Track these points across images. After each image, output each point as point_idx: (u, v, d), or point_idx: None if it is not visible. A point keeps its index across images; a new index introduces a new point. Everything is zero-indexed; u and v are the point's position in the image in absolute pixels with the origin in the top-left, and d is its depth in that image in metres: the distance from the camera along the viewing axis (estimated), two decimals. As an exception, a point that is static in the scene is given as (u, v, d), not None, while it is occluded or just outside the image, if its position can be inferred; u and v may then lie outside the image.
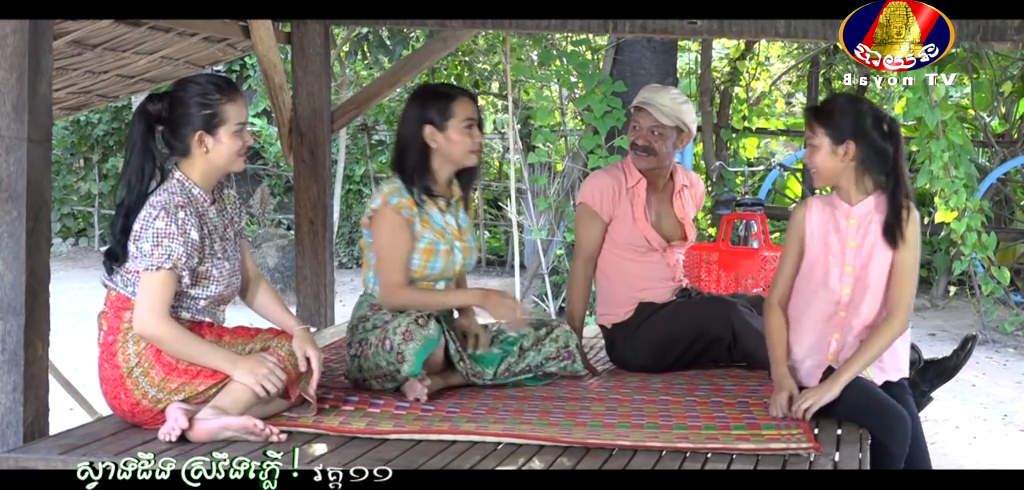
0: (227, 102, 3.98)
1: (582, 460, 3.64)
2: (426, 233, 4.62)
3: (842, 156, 4.18)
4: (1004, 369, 10.07)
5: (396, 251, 4.59)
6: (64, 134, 16.68)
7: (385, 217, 4.59)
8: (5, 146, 3.73)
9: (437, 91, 4.79)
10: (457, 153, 4.65)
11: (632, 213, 5.13)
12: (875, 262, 4.20)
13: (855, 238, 4.23)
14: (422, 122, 4.63)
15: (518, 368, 4.68)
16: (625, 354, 5.10)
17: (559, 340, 4.77)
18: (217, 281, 4.02)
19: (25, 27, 3.71)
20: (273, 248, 13.22)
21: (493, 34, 12.41)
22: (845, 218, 4.25)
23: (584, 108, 11.71)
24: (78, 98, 6.22)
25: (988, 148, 13.60)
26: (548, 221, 12.57)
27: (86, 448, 3.69)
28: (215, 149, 3.98)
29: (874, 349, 4.17)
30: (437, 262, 4.65)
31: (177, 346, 3.88)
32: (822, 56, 14.16)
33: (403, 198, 4.60)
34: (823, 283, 4.26)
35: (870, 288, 4.21)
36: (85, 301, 4.33)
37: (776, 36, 6.40)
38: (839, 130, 4.18)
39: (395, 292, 4.58)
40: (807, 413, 4.05)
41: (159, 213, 3.85)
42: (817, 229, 4.29)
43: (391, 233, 4.59)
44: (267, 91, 6.10)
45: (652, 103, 5.11)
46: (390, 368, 4.36)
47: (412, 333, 4.34)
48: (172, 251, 3.84)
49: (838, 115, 4.20)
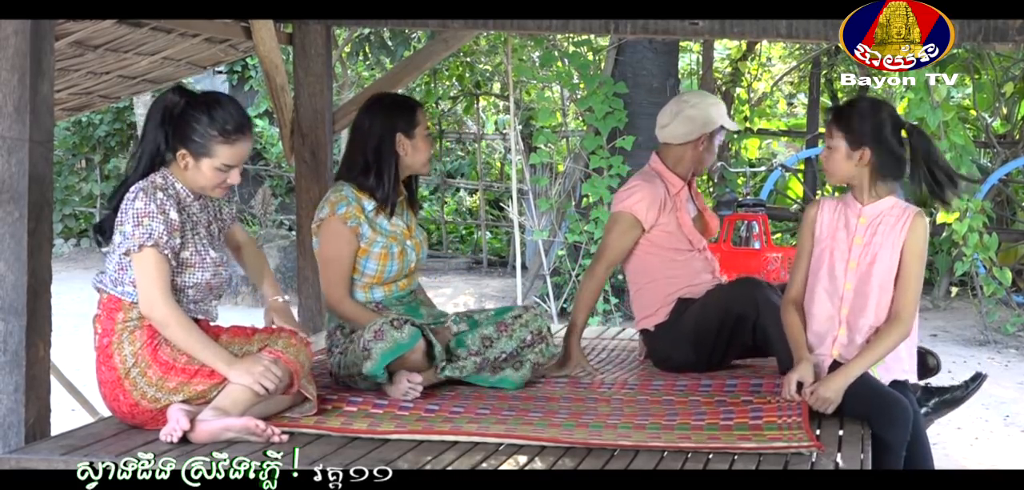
0: (220, 142, 3.95)
1: (584, 460, 3.64)
2: (378, 238, 4.68)
3: (858, 160, 4.25)
4: (1006, 370, 10.06)
5: (339, 264, 4.66)
6: (66, 135, 16.69)
7: (331, 228, 4.64)
8: (7, 147, 3.73)
9: (400, 101, 4.86)
10: (420, 161, 4.77)
11: (677, 220, 5.15)
12: (880, 263, 4.24)
13: (863, 236, 4.28)
14: (393, 131, 4.68)
15: (492, 357, 4.67)
16: (668, 351, 5.10)
17: (530, 325, 4.75)
18: (202, 267, 4.01)
19: (27, 28, 3.72)
20: (275, 249, 13.22)
21: (495, 35, 12.41)
22: (856, 217, 4.31)
23: (586, 109, 11.73)
24: (80, 99, 6.22)
25: (990, 149, 13.61)
26: (549, 222, 12.57)
27: (88, 449, 3.69)
28: (193, 172, 3.98)
29: (878, 350, 4.20)
30: (392, 265, 4.72)
31: (180, 334, 3.88)
32: (824, 57, 14.16)
33: (350, 207, 4.65)
34: (828, 276, 4.33)
35: (874, 288, 4.25)
36: (87, 302, 4.31)
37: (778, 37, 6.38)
38: (858, 135, 4.24)
39: (338, 302, 4.67)
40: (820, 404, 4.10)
41: (138, 194, 3.88)
42: (827, 226, 4.36)
43: (336, 245, 4.65)
44: (268, 92, 6.10)
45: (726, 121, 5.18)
46: (358, 365, 4.40)
47: (383, 333, 4.37)
48: (152, 229, 3.84)
49: (858, 120, 4.26)
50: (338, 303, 4.68)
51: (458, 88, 15.47)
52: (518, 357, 4.71)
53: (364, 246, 4.67)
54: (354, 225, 4.64)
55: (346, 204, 4.64)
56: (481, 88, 15.52)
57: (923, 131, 4.33)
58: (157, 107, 3.99)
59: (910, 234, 4.22)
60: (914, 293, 4.24)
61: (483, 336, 4.69)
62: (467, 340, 4.69)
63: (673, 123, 5.13)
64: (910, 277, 4.23)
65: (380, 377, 4.37)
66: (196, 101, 3.98)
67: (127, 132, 16.79)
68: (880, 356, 4.21)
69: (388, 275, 4.72)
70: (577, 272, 11.73)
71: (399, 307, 4.76)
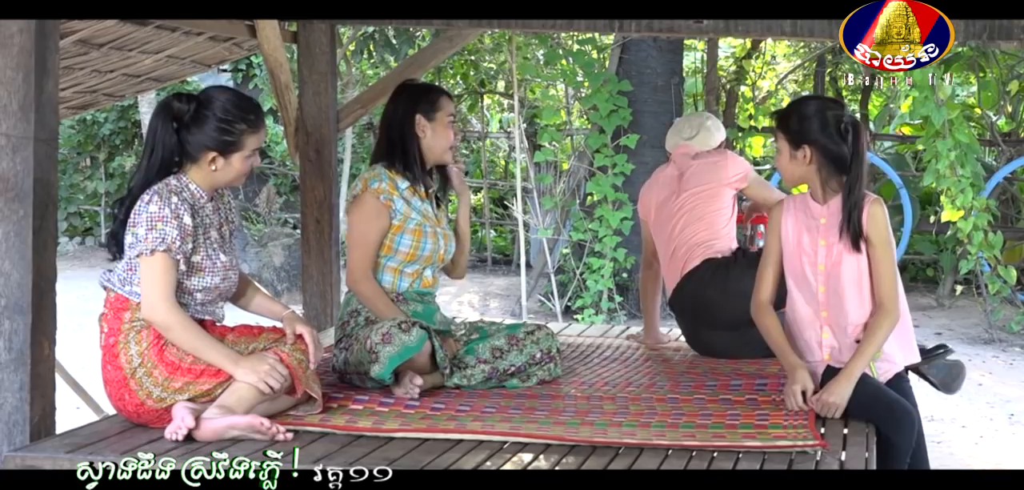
0: (248, 132, 4.01)
1: (588, 459, 3.64)
2: (413, 215, 4.73)
3: (802, 160, 4.26)
4: (1011, 368, 10.05)
5: (368, 238, 4.70)
6: (70, 133, 16.71)
7: (364, 202, 4.71)
8: (12, 145, 3.73)
9: (424, 87, 5.02)
10: (440, 146, 4.84)
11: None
12: (847, 261, 4.24)
13: (825, 237, 4.28)
14: (413, 112, 4.79)
15: (501, 368, 4.67)
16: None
17: (542, 343, 4.76)
18: (212, 272, 4.02)
19: (32, 26, 3.72)
20: (279, 247, 13.23)
21: (499, 33, 12.41)
22: (815, 218, 4.31)
23: (590, 107, 11.73)
24: (84, 97, 6.23)
25: (995, 147, 13.58)
26: (554, 220, 12.57)
27: (92, 447, 3.69)
28: (223, 170, 4.01)
29: (871, 345, 4.20)
30: (426, 243, 4.76)
31: (183, 336, 3.88)
32: (828, 55, 14.15)
33: (383, 183, 4.70)
34: (802, 282, 4.34)
35: (846, 287, 4.25)
36: (91, 300, 4.31)
37: (782, 35, 6.39)
38: (795, 135, 4.27)
39: (359, 280, 4.70)
40: (828, 409, 4.09)
41: (152, 198, 3.88)
42: (792, 229, 4.36)
43: (366, 220, 4.70)
44: (273, 90, 6.11)
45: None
46: (364, 366, 4.41)
47: (391, 336, 4.36)
48: (165, 234, 3.84)
49: (794, 120, 4.30)
50: (358, 282, 4.70)
51: (462, 86, 15.47)
52: (525, 372, 4.71)
53: (398, 223, 4.71)
54: (387, 200, 4.69)
55: (379, 180, 4.71)
56: (485, 86, 15.52)
57: (858, 123, 4.29)
58: (163, 116, 3.97)
59: (870, 222, 4.21)
60: (891, 279, 4.23)
61: (494, 347, 4.69)
62: (477, 349, 4.68)
63: (701, 133, 5.60)
64: (882, 264, 4.22)
65: (388, 380, 4.38)
66: (208, 102, 3.98)
67: (132, 130, 16.80)
68: (875, 349, 4.22)
69: (422, 252, 4.74)
70: (581, 270, 11.73)
71: (417, 305, 4.76)
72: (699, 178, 5.46)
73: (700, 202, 5.43)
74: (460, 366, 4.63)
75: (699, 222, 5.42)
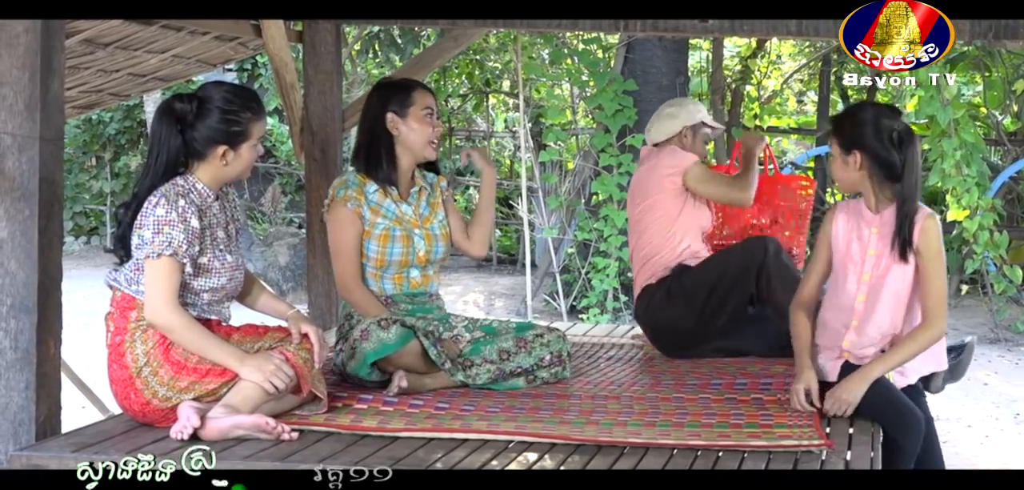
0: (254, 120, 4.04)
1: (593, 458, 3.64)
2: (379, 220, 4.70)
3: (853, 166, 4.21)
4: (1016, 368, 10.05)
5: (344, 249, 4.70)
6: (76, 133, 16.73)
7: (334, 212, 4.72)
8: (18, 145, 3.74)
9: (397, 82, 4.93)
10: (417, 141, 4.76)
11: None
12: (895, 272, 4.20)
13: (875, 247, 4.23)
14: (384, 110, 4.75)
15: (508, 369, 4.65)
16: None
17: (551, 346, 4.73)
18: (219, 273, 4.03)
19: (37, 26, 3.72)
20: (284, 246, 13.24)
21: (504, 33, 12.41)
22: (867, 226, 4.26)
23: (595, 106, 11.73)
24: (90, 97, 6.23)
25: (1000, 146, 13.57)
26: (559, 220, 12.57)
27: (98, 446, 3.69)
28: (234, 163, 4.02)
29: (907, 351, 4.17)
30: (394, 248, 4.72)
31: (187, 337, 3.88)
32: (834, 55, 14.14)
33: (349, 190, 4.71)
34: (842, 288, 4.29)
35: (886, 298, 4.20)
36: (97, 299, 4.33)
37: (788, 34, 6.39)
38: (847, 139, 4.23)
39: (349, 288, 4.71)
40: (839, 406, 4.09)
41: (159, 201, 3.88)
42: (842, 235, 4.32)
43: (340, 229, 4.71)
44: (278, 90, 6.11)
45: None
46: (347, 364, 4.43)
47: (369, 333, 4.38)
48: (172, 238, 3.85)
49: (847, 124, 4.27)
50: (349, 291, 4.71)
51: (467, 86, 15.47)
52: (532, 373, 4.69)
53: (366, 229, 4.71)
54: (354, 207, 4.68)
55: (345, 188, 4.71)
56: (491, 86, 15.51)
57: (912, 133, 4.23)
58: (165, 118, 3.97)
59: (922, 237, 4.15)
60: (939, 293, 4.17)
61: (501, 349, 4.66)
62: (484, 349, 4.65)
63: (655, 126, 5.52)
64: (932, 278, 4.16)
65: (364, 375, 4.38)
66: (209, 98, 3.99)
67: (137, 130, 16.81)
68: (909, 357, 4.18)
69: (391, 257, 4.71)
70: (586, 270, 11.73)
71: (409, 306, 4.75)
72: (642, 187, 5.45)
73: (644, 214, 5.42)
74: (465, 365, 4.63)
75: (640, 238, 5.45)
